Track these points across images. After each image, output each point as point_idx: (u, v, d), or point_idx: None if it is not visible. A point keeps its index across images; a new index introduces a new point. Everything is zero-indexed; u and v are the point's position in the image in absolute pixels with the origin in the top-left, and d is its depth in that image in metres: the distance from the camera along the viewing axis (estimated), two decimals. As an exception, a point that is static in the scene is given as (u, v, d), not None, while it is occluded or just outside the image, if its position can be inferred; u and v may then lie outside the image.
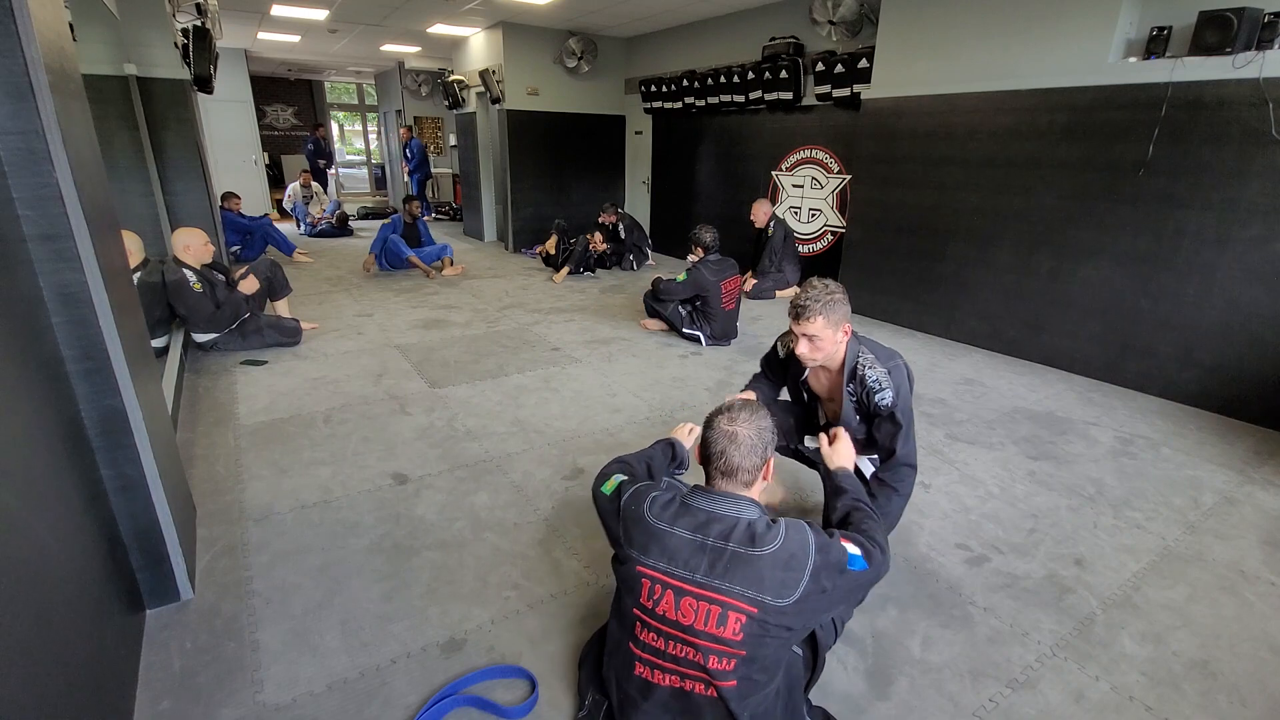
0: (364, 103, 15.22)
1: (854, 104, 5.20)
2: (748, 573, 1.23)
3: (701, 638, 1.26)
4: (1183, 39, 3.40)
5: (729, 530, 1.28)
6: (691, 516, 1.32)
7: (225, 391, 3.53)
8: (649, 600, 1.30)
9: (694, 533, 1.29)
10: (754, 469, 1.36)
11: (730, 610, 1.24)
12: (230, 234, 6.89)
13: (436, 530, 2.31)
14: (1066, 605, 2.00)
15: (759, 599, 1.23)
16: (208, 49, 5.10)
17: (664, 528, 1.31)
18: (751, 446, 1.34)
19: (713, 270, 4.37)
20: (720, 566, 1.25)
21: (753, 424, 1.37)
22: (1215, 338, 3.46)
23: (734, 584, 1.23)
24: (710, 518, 1.31)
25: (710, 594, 1.25)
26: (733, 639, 1.24)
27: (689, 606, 1.26)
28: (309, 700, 1.60)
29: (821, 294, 1.84)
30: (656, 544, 1.31)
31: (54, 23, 1.58)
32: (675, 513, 1.33)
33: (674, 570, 1.28)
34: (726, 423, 1.37)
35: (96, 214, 1.63)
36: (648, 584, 1.30)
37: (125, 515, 1.75)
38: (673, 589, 1.28)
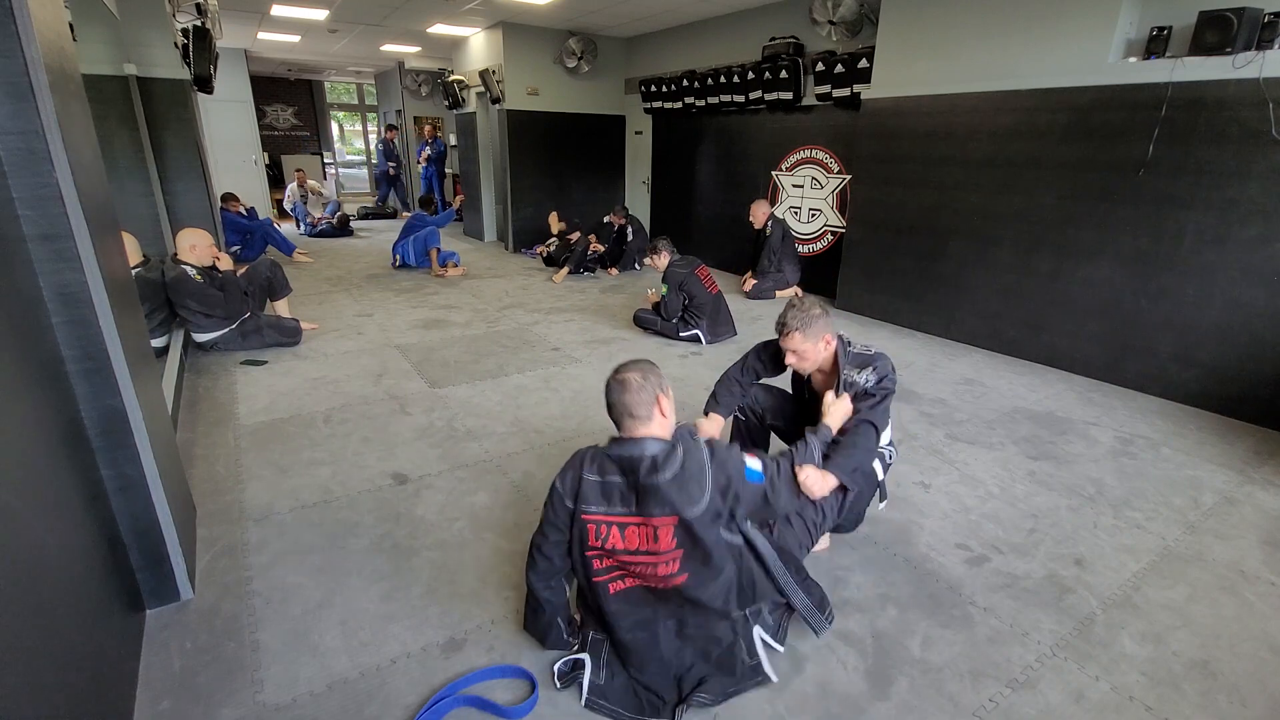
0: (364, 103, 15.22)
1: (854, 104, 5.20)
2: (659, 497, 1.51)
3: (644, 554, 1.55)
4: (1183, 39, 3.39)
5: (637, 466, 1.53)
6: (612, 463, 1.57)
7: (225, 391, 3.53)
8: (597, 540, 1.57)
9: (618, 476, 1.56)
10: (647, 404, 1.56)
11: (659, 528, 1.53)
12: (230, 234, 6.90)
13: (436, 530, 2.31)
14: (1066, 605, 2.00)
15: (674, 512, 1.51)
16: (208, 49, 5.10)
17: (596, 479, 1.57)
18: (639, 387, 1.56)
19: (681, 265, 4.55)
20: (642, 497, 1.53)
21: (636, 370, 1.59)
22: (1215, 338, 3.46)
23: (653, 508, 1.52)
24: (623, 460, 1.55)
25: (640, 520, 1.54)
26: (668, 547, 1.54)
27: (632, 534, 1.55)
28: (309, 700, 1.60)
29: (799, 313, 2.03)
30: (594, 490, 1.56)
31: (54, 23, 1.58)
32: (601, 464, 1.58)
33: (611, 509, 1.56)
34: (614, 378, 1.60)
35: (96, 214, 1.63)
36: (593, 528, 1.56)
37: (125, 515, 1.75)
38: (616, 524, 1.56)
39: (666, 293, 4.50)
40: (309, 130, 14.51)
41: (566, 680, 1.65)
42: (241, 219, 7.12)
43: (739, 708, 1.61)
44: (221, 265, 4.08)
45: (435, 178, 11.29)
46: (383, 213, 11.46)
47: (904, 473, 2.79)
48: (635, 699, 1.60)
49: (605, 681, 1.63)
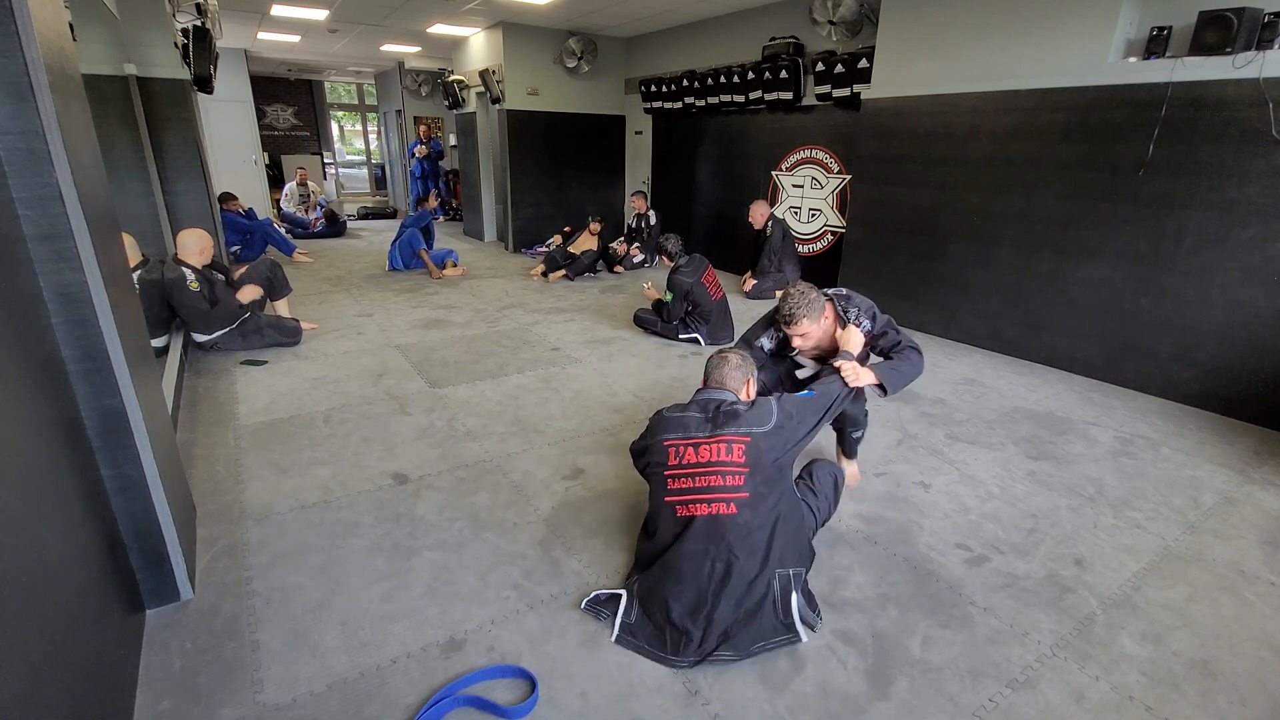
0: (364, 103, 15.22)
1: (854, 104, 5.20)
2: (736, 419, 1.81)
3: (717, 465, 1.78)
4: (1183, 39, 3.39)
5: (722, 403, 1.87)
6: (695, 404, 1.90)
7: (225, 391, 3.53)
8: (675, 459, 1.82)
9: (699, 411, 1.86)
10: (738, 382, 1.95)
11: (733, 444, 1.78)
12: (230, 234, 6.90)
13: (436, 530, 2.31)
14: (1066, 605, 2.00)
15: (749, 430, 1.79)
16: (208, 49, 5.09)
17: (678, 414, 1.88)
18: (736, 366, 1.95)
19: (688, 272, 4.43)
20: (719, 421, 1.81)
21: (738, 354, 1.98)
22: (1215, 338, 3.46)
23: (730, 427, 1.80)
24: (708, 402, 1.89)
25: (716, 439, 1.79)
26: (738, 460, 1.77)
27: (705, 450, 1.79)
28: (309, 700, 1.60)
29: (800, 300, 2.21)
30: (675, 424, 1.85)
31: (54, 23, 1.58)
32: (685, 405, 1.92)
33: (690, 434, 1.82)
34: (719, 354, 1.98)
35: (96, 214, 1.63)
36: (673, 450, 1.82)
37: (125, 515, 1.75)
38: (691, 445, 1.81)
39: (671, 300, 4.44)
40: (309, 130, 14.50)
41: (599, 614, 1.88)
42: (241, 219, 7.12)
43: (739, 708, 1.61)
44: (243, 297, 4.13)
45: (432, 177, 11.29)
46: (383, 212, 11.46)
47: (904, 473, 2.79)
48: (662, 637, 1.75)
49: (636, 620, 1.80)
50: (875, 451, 2.98)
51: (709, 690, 1.66)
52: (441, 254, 6.74)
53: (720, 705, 1.61)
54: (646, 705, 1.61)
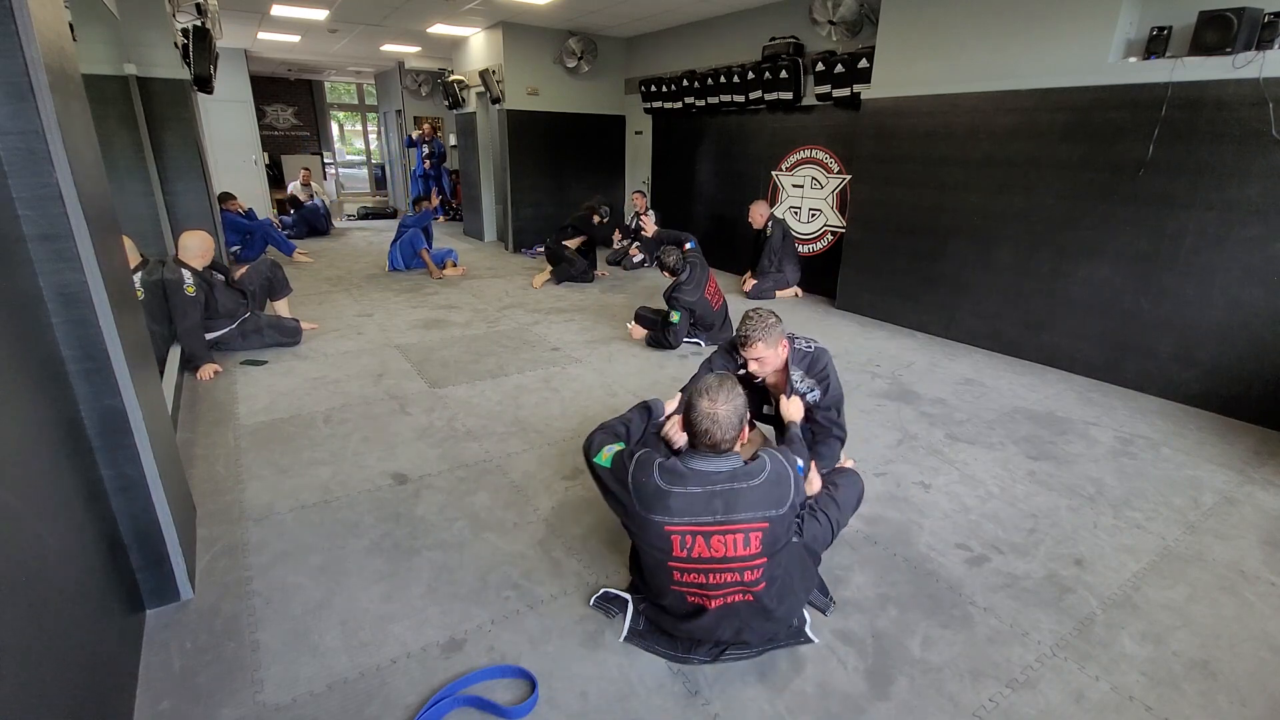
0: (364, 103, 15.22)
1: (854, 104, 5.20)
2: (751, 499, 1.54)
3: (734, 561, 1.57)
4: (1183, 39, 3.39)
5: (731, 475, 1.57)
6: (696, 477, 1.57)
7: (225, 391, 3.53)
8: (683, 550, 1.58)
9: (703, 486, 1.56)
10: (734, 439, 1.62)
11: (750, 533, 1.55)
12: (230, 234, 6.91)
13: (436, 530, 2.31)
14: (1066, 605, 2.00)
15: (766, 515, 1.55)
16: (208, 49, 5.10)
17: (679, 490, 1.56)
18: (731, 423, 1.59)
19: (690, 290, 4.28)
20: (730, 503, 1.55)
21: (730, 402, 1.60)
22: (1215, 338, 3.46)
23: (744, 512, 1.54)
24: (712, 474, 1.57)
25: (730, 527, 1.55)
26: (756, 552, 1.57)
27: (718, 543, 1.56)
28: (309, 700, 1.60)
29: (759, 323, 2.19)
30: (676, 503, 1.56)
31: (54, 23, 1.58)
32: (680, 476, 1.58)
33: (698, 520, 1.55)
34: (708, 405, 1.59)
35: (96, 214, 1.63)
36: (678, 539, 1.57)
37: (125, 515, 1.75)
38: (701, 534, 1.56)
39: (678, 321, 4.26)
40: (309, 130, 14.50)
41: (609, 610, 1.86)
42: (241, 219, 7.12)
43: (739, 708, 1.61)
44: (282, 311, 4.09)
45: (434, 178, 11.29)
46: (383, 212, 11.46)
47: (904, 473, 2.79)
48: (673, 641, 1.74)
49: (645, 628, 1.79)
50: (875, 451, 2.98)
51: (709, 690, 1.66)
52: (441, 254, 6.74)
53: (720, 705, 1.61)
54: (646, 705, 1.61)
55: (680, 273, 4.34)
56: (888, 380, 3.88)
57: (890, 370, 4.05)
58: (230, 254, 6.78)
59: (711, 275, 4.50)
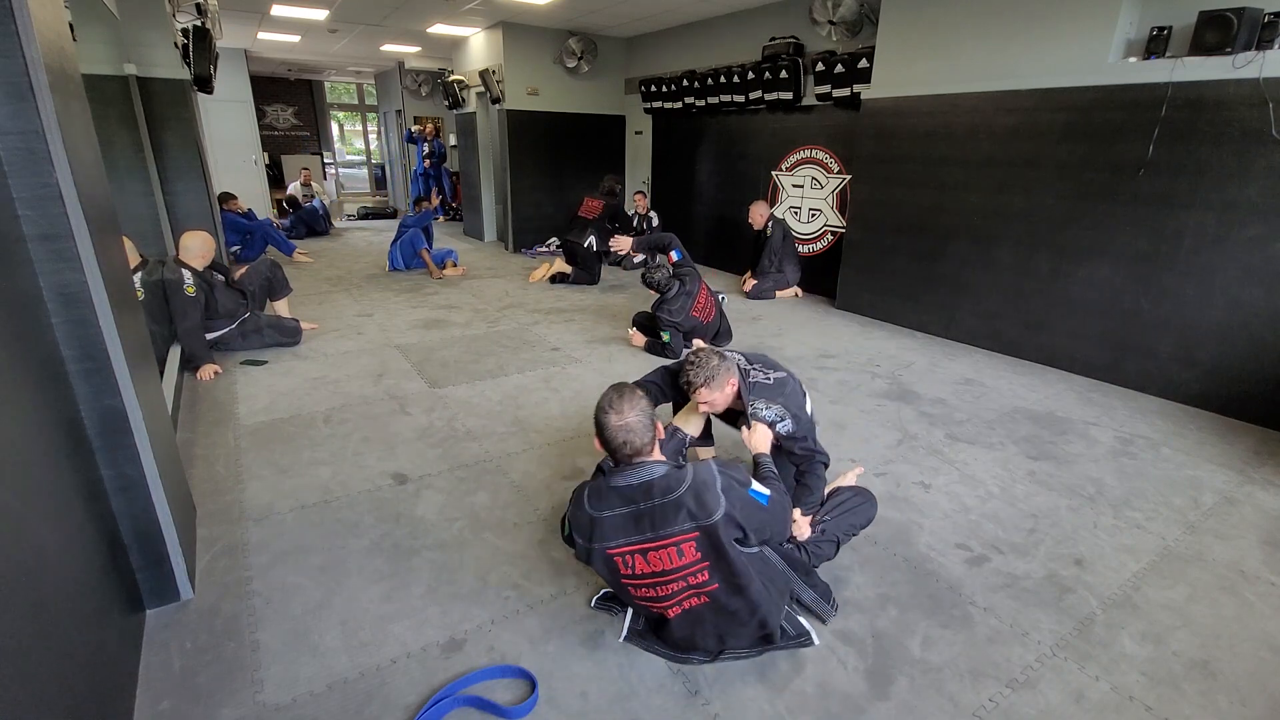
0: (364, 103, 15.22)
1: (854, 104, 5.20)
2: (676, 513, 1.54)
3: (676, 571, 1.58)
4: (1183, 39, 3.39)
5: (649, 490, 1.57)
6: (618, 495, 1.59)
7: (225, 391, 3.53)
8: (627, 570, 1.60)
9: (627, 506, 1.58)
10: (650, 441, 1.62)
11: (682, 544, 1.56)
12: (230, 234, 6.93)
13: (436, 530, 2.31)
14: (1066, 605, 2.00)
15: (694, 524, 1.54)
16: (208, 49, 5.10)
17: (607, 513, 1.59)
18: (644, 427, 1.59)
19: (676, 310, 4.15)
20: (657, 520, 1.55)
21: (635, 409, 1.60)
22: (1215, 338, 3.46)
23: (671, 526, 1.54)
24: (631, 489, 1.58)
25: (662, 542, 1.56)
26: (694, 558, 1.57)
27: (654, 558, 1.57)
28: (309, 700, 1.60)
29: (700, 370, 2.08)
30: (608, 528, 1.59)
31: (54, 23, 1.58)
32: (605, 498, 1.60)
33: (630, 540, 1.57)
34: (615, 418, 1.59)
35: (96, 214, 1.63)
36: (620, 560, 1.60)
37: (125, 515, 1.75)
38: (638, 553, 1.58)
39: (669, 340, 4.18)
40: (309, 130, 14.52)
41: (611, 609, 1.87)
42: (241, 219, 7.13)
43: (739, 708, 1.61)
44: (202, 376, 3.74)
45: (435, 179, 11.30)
46: (383, 212, 11.46)
47: (904, 473, 2.79)
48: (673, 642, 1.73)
49: (644, 628, 1.80)
50: (875, 451, 2.98)
51: (709, 690, 1.66)
52: (441, 254, 6.74)
53: (720, 705, 1.61)
54: (646, 705, 1.61)
55: (667, 290, 4.21)
56: (888, 380, 3.88)
57: (890, 370, 4.05)
58: (230, 254, 6.79)
59: (703, 286, 4.30)
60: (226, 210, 7.01)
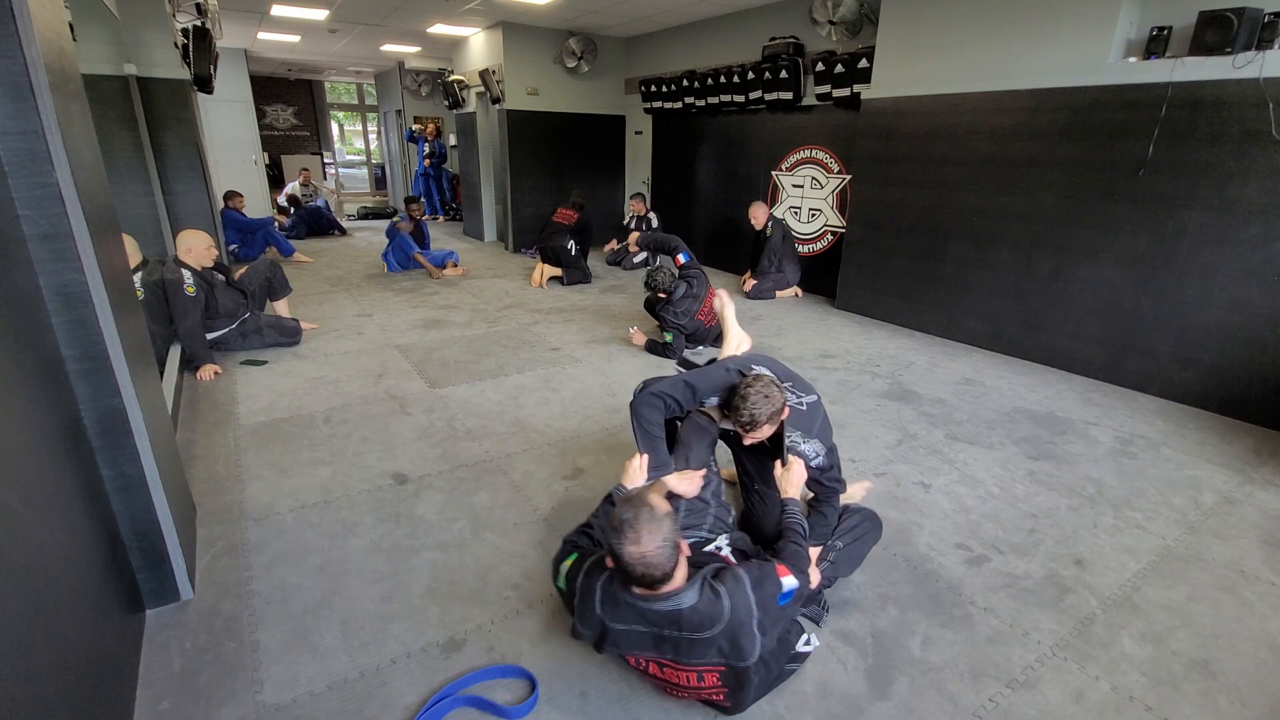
0: (364, 103, 15.22)
1: (854, 104, 5.20)
2: (706, 650, 1.40)
3: (692, 689, 1.48)
4: (1183, 39, 3.39)
5: (677, 620, 1.39)
6: (638, 614, 1.42)
7: (225, 391, 3.53)
8: (638, 665, 1.52)
9: (648, 626, 1.42)
10: (674, 568, 1.38)
11: (705, 672, 1.43)
12: (230, 232, 6.94)
13: (436, 530, 2.31)
14: (1066, 605, 2.00)
15: (724, 662, 1.41)
16: (208, 49, 5.10)
17: (622, 627, 1.45)
18: (666, 557, 1.37)
19: (682, 312, 4.14)
20: (682, 650, 1.41)
21: (656, 536, 1.36)
22: (1215, 338, 3.46)
23: (697, 659, 1.41)
24: (654, 615, 1.41)
25: (684, 667, 1.44)
26: (714, 685, 1.46)
27: (671, 673, 1.47)
28: (309, 700, 1.60)
29: (762, 403, 1.85)
30: (623, 639, 1.46)
31: (54, 23, 1.58)
32: (623, 611, 1.44)
33: (647, 654, 1.46)
34: (633, 546, 1.35)
35: (96, 214, 1.63)
36: (631, 660, 1.51)
37: (125, 515, 1.75)
38: (654, 663, 1.48)
39: (671, 341, 4.16)
40: (309, 130, 14.51)
41: None
42: (242, 217, 7.14)
43: (739, 708, 1.61)
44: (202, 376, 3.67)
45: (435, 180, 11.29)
46: (382, 212, 11.46)
47: (904, 473, 2.79)
48: None
49: None
50: (875, 451, 2.98)
51: (709, 690, 1.66)
52: (441, 255, 6.73)
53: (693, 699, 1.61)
54: (647, 705, 1.61)
55: (674, 291, 4.18)
56: (888, 380, 3.88)
57: (890, 370, 4.05)
58: (230, 252, 6.81)
59: (711, 291, 4.13)
60: (230, 208, 7.01)
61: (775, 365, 2.16)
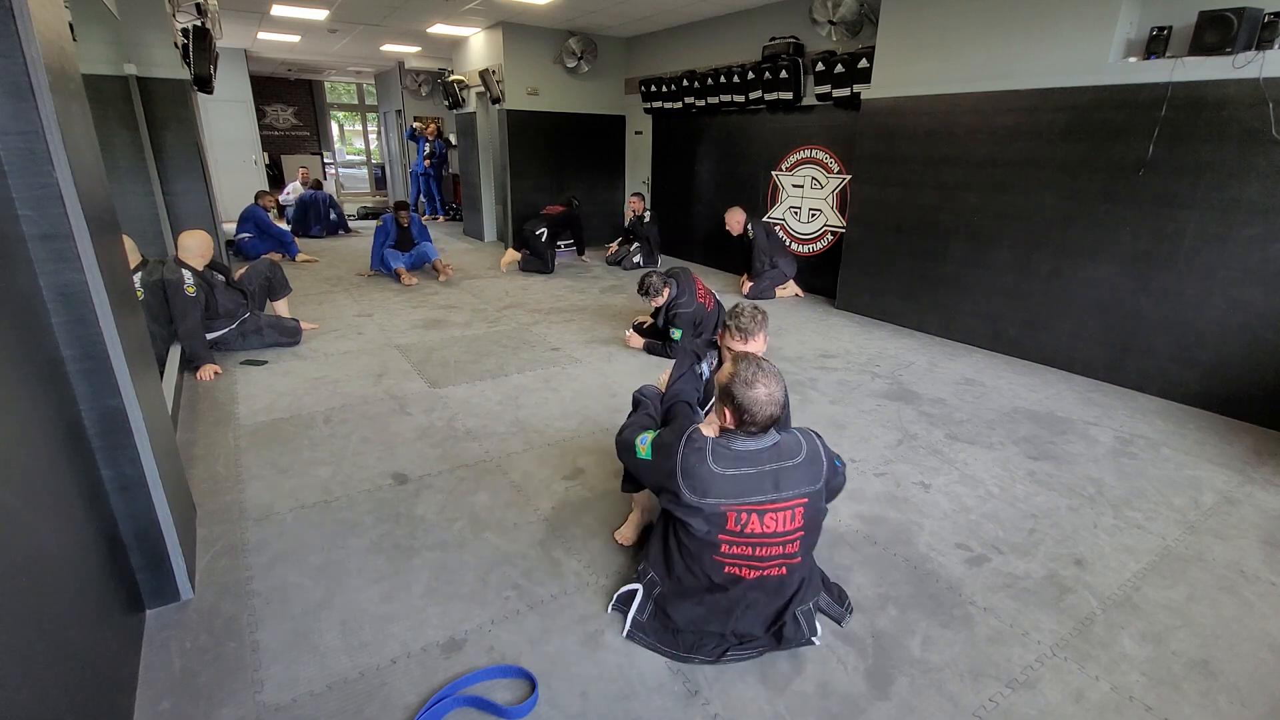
0: (364, 103, 15.22)
1: (854, 104, 5.20)
2: (795, 477, 1.65)
3: (782, 535, 1.65)
4: (1183, 39, 3.39)
5: (777, 451, 1.66)
6: (747, 459, 1.64)
7: (225, 391, 3.53)
8: (736, 525, 1.64)
9: (755, 467, 1.64)
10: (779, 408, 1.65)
11: (795, 508, 1.65)
12: (249, 224, 7.09)
13: (436, 530, 2.31)
14: (1066, 605, 2.00)
15: (805, 490, 1.65)
16: (208, 49, 5.10)
17: (734, 473, 1.63)
18: (782, 399, 1.65)
19: (686, 301, 4.15)
20: (779, 481, 1.64)
21: (777, 381, 1.65)
22: (1215, 338, 3.46)
23: (788, 489, 1.64)
24: (761, 454, 1.65)
25: (780, 505, 1.64)
26: (798, 525, 1.66)
27: (770, 519, 1.64)
28: (309, 700, 1.60)
29: (756, 317, 2.21)
30: (733, 486, 1.62)
31: (54, 23, 1.58)
32: (733, 459, 1.64)
33: (752, 498, 1.63)
34: (766, 391, 1.61)
35: (96, 214, 1.63)
36: (733, 515, 1.63)
37: (125, 515, 1.75)
38: (756, 512, 1.63)
39: (680, 336, 4.18)
40: (309, 130, 14.52)
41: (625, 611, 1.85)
42: (268, 218, 7.23)
43: (739, 708, 1.61)
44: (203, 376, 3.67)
45: (436, 180, 11.29)
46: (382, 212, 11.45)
47: (904, 473, 2.79)
48: (674, 637, 1.76)
49: (648, 619, 1.80)
50: (875, 451, 2.98)
51: (709, 690, 1.66)
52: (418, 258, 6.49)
53: (720, 705, 1.61)
54: (646, 705, 1.61)
55: (674, 291, 4.19)
56: (888, 380, 3.88)
57: (890, 370, 4.05)
58: (240, 237, 7.06)
59: (696, 278, 4.30)
60: (258, 205, 7.22)
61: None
